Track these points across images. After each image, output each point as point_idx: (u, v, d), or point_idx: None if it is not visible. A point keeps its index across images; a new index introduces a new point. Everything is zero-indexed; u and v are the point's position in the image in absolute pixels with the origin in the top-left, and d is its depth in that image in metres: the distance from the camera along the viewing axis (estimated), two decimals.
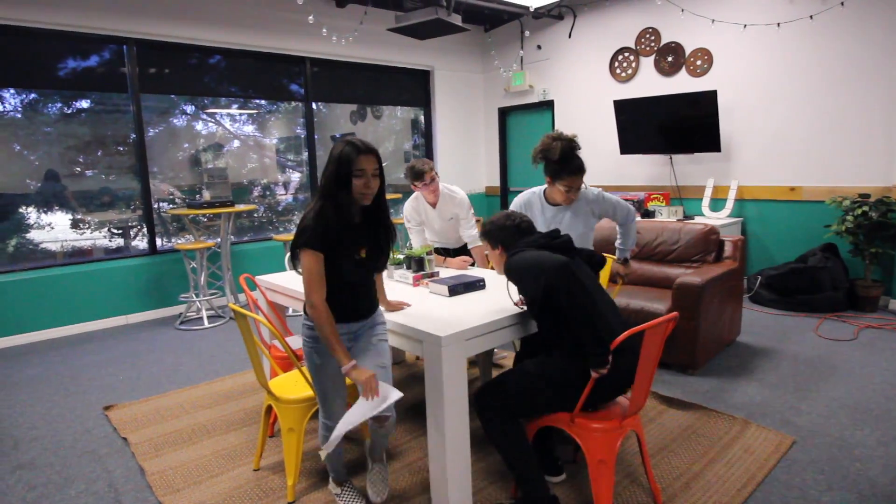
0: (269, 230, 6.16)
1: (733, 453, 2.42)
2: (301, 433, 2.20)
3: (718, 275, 3.41)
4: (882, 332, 3.99)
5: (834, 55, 4.62)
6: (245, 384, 3.45)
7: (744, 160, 5.28)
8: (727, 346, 3.78)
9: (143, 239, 5.23)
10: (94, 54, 4.80)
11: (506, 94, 7.39)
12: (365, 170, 1.80)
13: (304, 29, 5.65)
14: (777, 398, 2.97)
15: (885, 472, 2.25)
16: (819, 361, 3.47)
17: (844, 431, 2.59)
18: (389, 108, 7.16)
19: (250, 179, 6.06)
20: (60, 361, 4.02)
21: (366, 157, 1.80)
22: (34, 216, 4.69)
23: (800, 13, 4.75)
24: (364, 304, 1.99)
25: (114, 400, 3.29)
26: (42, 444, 2.77)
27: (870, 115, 4.48)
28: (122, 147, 5.03)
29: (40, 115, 4.67)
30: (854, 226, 4.33)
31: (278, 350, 2.78)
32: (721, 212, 5.33)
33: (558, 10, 6.47)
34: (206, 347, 4.23)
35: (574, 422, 1.91)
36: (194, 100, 5.51)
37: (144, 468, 2.48)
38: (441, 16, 3.89)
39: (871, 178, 4.52)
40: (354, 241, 1.88)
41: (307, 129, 6.21)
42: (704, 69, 5.42)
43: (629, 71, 6.01)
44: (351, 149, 1.79)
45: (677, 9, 5.42)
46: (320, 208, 1.80)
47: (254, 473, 2.42)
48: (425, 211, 3.37)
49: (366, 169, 1.80)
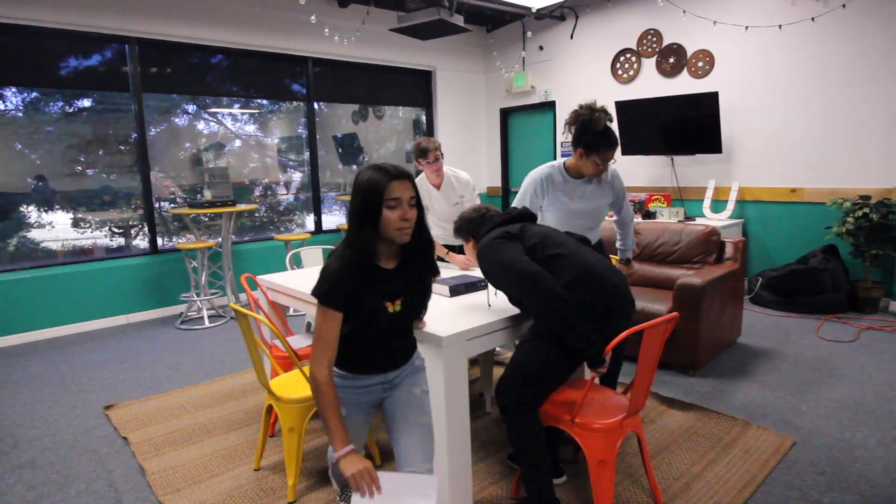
0: (270, 230, 6.16)
1: (734, 454, 2.42)
2: (302, 433, 2.20)
3: (719, 276, 3.41)
4: (882, 333, 3.99)
5: (835, 57, 4.62)
6: (246, 384, 3.45)
7: (745, 161, 5.28)
8: (728, 347, 3.78)
9: (144, 238, 5.23)
10: (96, 53, 4.81)
11: (507, 95, 7.39)
12: (400, 198, 1.46)
13: (307, 29, 5.65)
14: (778, 399, 2.97)
15: (885, 473, 2.25)
16: (820, 363, 3.47)
17: (845, 432, 2.58)
18: (391, 108, 7.16)
19: (252, 179, 6.07)
20: (61, 361, 4.02)
21: (399, 184, 1.46)
22: (34, 215, 4.70)
23: (801, 15, 4.75)
24: (400, 350, 1.67)
25: (114, 399, 3.29)
26: (42, 443, 2.77)
27: (871, 116, 4.48)
28: (123, 146, 5.04)
29: (42, 114, 4.67)
30: (855, 227, 4.33)
31: (279, 350, 2.78)
32: (722, 213, 5.33)
33: (560, 11, 6.47)
34: (206, 347, 4.23)
35: (575, 422, 1.91)
36: (196, 99, 5.52)
37: (145, 468, 2.48)
38: (443, 16, 3.90)
39: (872, 180, 4.52)
40: (388, 293, 1.53)
41: (309, 128, 6.22)
42: (706, 71, 5.42)
43: (631, 72, 6.01)
44: (381, 175, 1.46)
45: (679, 10, 5.43)
46: (345, 254, 1.48)
47: (254, 473, 2.42)
48: (429, 193, 3.38)
49: (401, 197, 1.46)
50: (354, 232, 1.48)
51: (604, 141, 2.38)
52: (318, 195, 6.36)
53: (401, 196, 1.46)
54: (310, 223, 6.44)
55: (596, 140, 2.38)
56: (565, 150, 6.74)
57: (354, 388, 1.62)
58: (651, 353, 1.84)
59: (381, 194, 1.45)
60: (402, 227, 1.48)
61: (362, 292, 1.48)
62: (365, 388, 1.62)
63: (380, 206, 1.46)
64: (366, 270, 1.49)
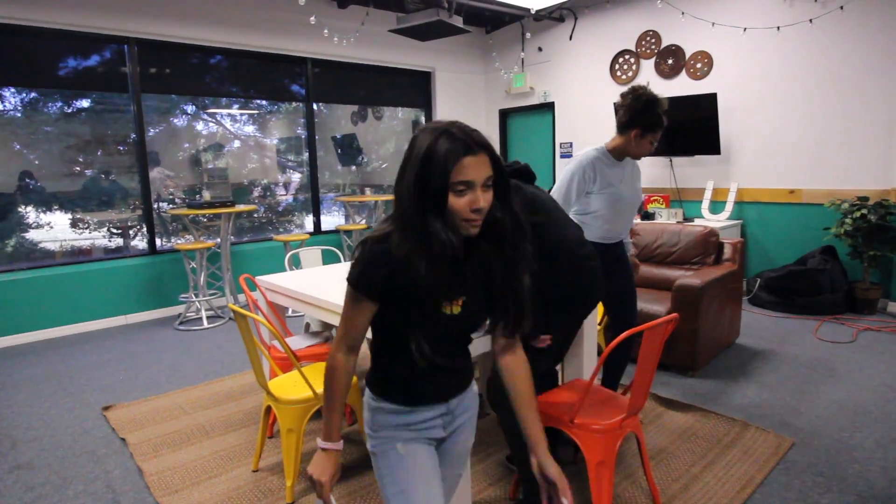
0: (269, 230, 6.16)
1: (732, 455, 2.42)
2: (300, 434, 2.20)
3: (718, 277, 3.42)
4: (881, 334, 3.99)
5: (833, 59, 4.63)
6: (244, 385, 3.44)
7: (743, 162, 5.29)
8: (726, 347, 3.79)
9: (143, 239, 5.23)
10: (95, 54, 4.81)
11: (507, 96, 7.39)
12: (473, 181, 1.08)
13: (306, 30, 5.65)
14: (776, 400, 2.97)
15: (883, 474, 2.25)
16: (818, 364, 3.47)
17: (843, 433, 2.59)
18: (390, 109, 7.16)
19: (250, 180, 6.06)
20: (59, 361, 4.01)
21: (474, 160, 1.08)
22: (31, 216, 4.69)
23: (799, 17, 4.76)
24: (460, 370, 1.31)
25: (112, 400, 3.29)
26: (40, 444, 2.77)
27: (869, 118, 4.49)
28: (122, 147, 5.04)
29: (40, 115, 4.67)
30: (853, 228, 4.33)
31: (278, 351, 2.78)
32: (721, 214, 5.33)
33: (559, 12, 6.48)
34: (205, 348, 4.23)
35: (574, 423, 1.91)
36: (195, 100, 5.52)
37: (143, 469, 2.48)
38: (442, 17, 3.90)
39: (870, 181, 4.53)
40: (447, 290, 1.16)
41: (308, 129, 6.21)
42: (704, 72, 5.43)
43: (630, 73, 6.02)
44: (452, 144, 1.07)
45: (678, 12, 5.44)
46: (386, 236, 1.14)
47: (253, 474, 2.41)
48: None
49: (474, 180, 1.08)
50: (404, 214, 1.11)
51: (660, 121, 2.37)
52: (317, 196, 6.36)
53: (474, 179, 1.08)
54: (309, 224, 6.43)
55: (657, 119, 2.36)
56: (564, 151, 6.75)
57: (414, 426, 1.25)
58: (650, 354, 1.84)
59: (447, 174, 1.07)
60: (470, 220, 1.10)
61: (408, 282, 1.12)
62: (424, 425, 1.26)
63: (445, 190, 1.08)
64: (414, 257, 1.11)
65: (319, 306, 2.47)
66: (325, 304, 2.38)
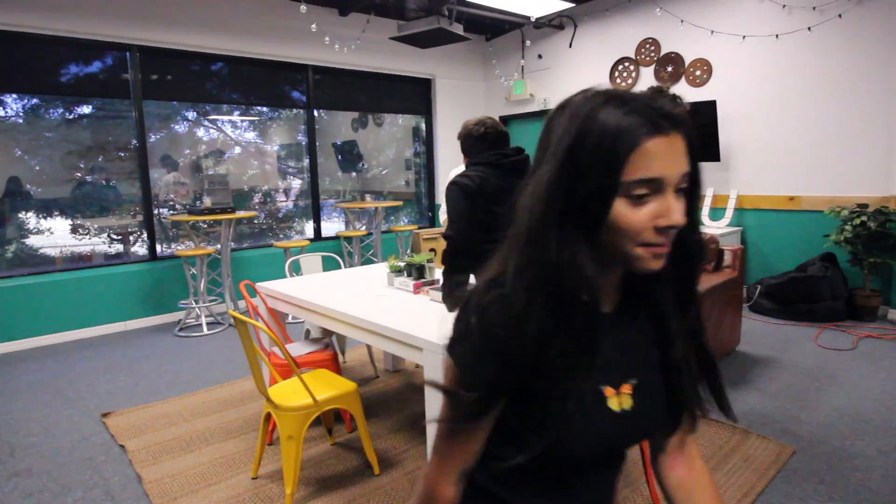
0: (269, 237, 6.17)
1: (733, 463, 2.42)
2: (300, 441, 2.19)
3: (718, 284, 3.42)
4: (881, 341, 3.99)
5: (832, 66, 4.65)
6: (244, 391, 3.44)
7: (743, 170, 5.30)
8: (727, 355, 3.78)
9: (143, 245, 5.23)
10: (97, 60, 4.83)
11: (507, 103, 7.42)
12: (662, 180, 0.66)
13: (307, 37, 5.68)
14: (777, 408, 2.96)
15: (885, 481, 2.24)
16: (819, 371, 3.46)
17: (844, 441, 2.58)
18: (391, 115, 7.19)
19: (251, 186, 6.08)
20: (58, 368, 4.00)
21: (666, 144, 0.66)
22: (32, 221, 4.70)
23: (798, 25, 4.78)
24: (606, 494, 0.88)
25: (112, 407, 3.28)
26: (39, 451, 2.76)
27: (868, 125, 4.51)
28: (123, 153, 5.05)
29: (42, 120, 4.68)
30: (853, 235, 4.34)
31: (278, 357, 2.78)
32: (720, 221, 5.34)
33: (559, 19, 6.52)
34: (205, 354, 4.22)
35: None
36: (196, 106, 5.54)
37: (142, 476, 2.47)
38: (443, 25, 3.92)
39: (870, 188, 4.54)
40: (608, 369, 0.74)
41: (308, 136, 6.23)
42: (704, 79, 5.46)
43: (629, 81, 6.05)
44: (628, 117, 0.65)
45: (677, 20, 5.47)
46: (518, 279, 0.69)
47: (252, 482, 2.40)
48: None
49: (664, 177, 0.66)
50: (543, 232, 0.67)
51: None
52: (317, 202, 6.37)
53: (664, 176, 0.66)
54: (309, 230, 6.44)
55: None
56: None
57: None
58: None
59: (619, 168, 0.65)
60: (655, 244, 0.68)
61: (548, 358, 0.68)
62: None
63: (610, 193, 0.66)
64: (565, 316, 0.68)
65: (319, 313, 2.47)
66: (326, 310, 2.38)
